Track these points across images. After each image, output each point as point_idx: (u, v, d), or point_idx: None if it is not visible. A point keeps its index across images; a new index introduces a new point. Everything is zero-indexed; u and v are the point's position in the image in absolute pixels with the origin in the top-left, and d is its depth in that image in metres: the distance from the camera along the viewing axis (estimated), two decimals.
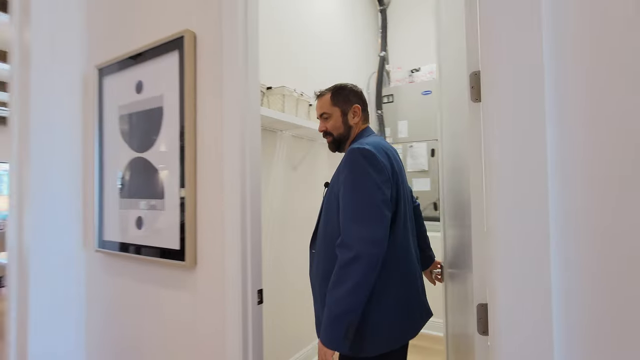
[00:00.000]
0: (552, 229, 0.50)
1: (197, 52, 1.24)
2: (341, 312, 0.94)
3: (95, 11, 1.65)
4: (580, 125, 0.50)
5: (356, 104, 1.24)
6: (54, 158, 1.59)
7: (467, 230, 0.78)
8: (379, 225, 0.96)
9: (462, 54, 0.75)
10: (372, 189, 0.98)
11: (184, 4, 1.28)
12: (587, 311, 0.48)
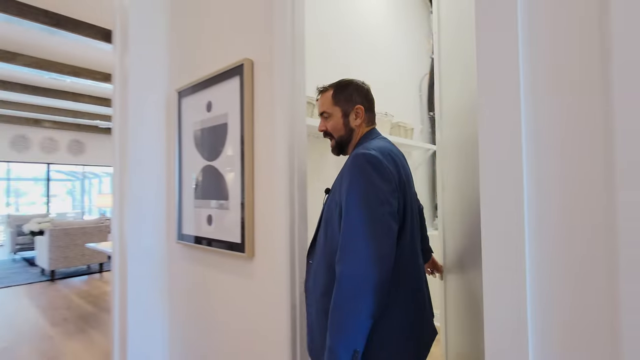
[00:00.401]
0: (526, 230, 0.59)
1: (254, 75, 1.46)
2: (344, 339, 0.84)
3: (175, 45, 1.99)
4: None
5: (359, 105, 1.11)
6: (146, 164, 1.95)
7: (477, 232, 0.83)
8: (386, 240, 0.86)
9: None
10: (378, 199, 0.88)
11: (243, 37, 1.52)
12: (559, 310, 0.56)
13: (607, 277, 0.51)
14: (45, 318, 3.41)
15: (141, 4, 1.96)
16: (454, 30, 1.35)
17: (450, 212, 1.35)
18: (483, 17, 0.62)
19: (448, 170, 1.36)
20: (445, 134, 1.36)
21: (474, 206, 1.14)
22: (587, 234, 0.53)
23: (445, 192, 1.37)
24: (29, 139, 8.64)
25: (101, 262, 5.40)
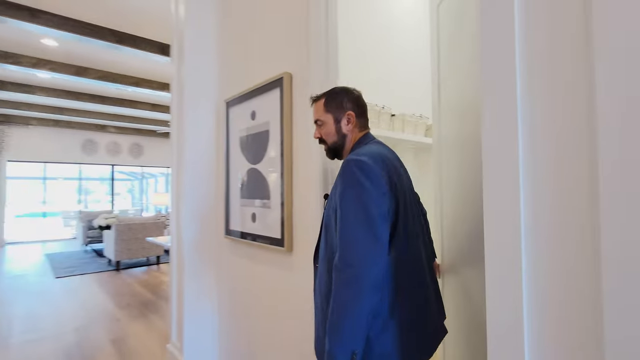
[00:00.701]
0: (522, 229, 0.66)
1: (292, 87, 1.61)
2: (343, 341, 0.86)
3: (224, 59, 2.20)
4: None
5: (350, 111, 1.13)
6: (198, 166, 2.18)
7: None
8: (377, 242, 0.89)
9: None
10: (368, 203, 0.91)
11: (283, 53, 1.67)
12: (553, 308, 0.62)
13: (592, 273, 0.57)
14: (112, 303, 3.85)
15: (195, 22, 2.19)
16: (453, 30, 1.39)
17: (450, 213, 1.38)
18: (486, 38, 0.70)
19: (447, 169, 1.39)
20: (444, 132, 1.40)
21: (474, 207, 1.16)
22: (574, 232, 0.60)
23: (443, 191, 1.41)
24: (96, 143, 9.62)
25: (158, 255, 5.92)
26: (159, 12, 3.79)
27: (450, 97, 1.37)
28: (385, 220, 0.92)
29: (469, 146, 1.22)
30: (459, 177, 1.31)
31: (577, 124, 0.60)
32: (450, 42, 1.36)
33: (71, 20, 3.86)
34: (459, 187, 1.30)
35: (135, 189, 12.11)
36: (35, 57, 4.93)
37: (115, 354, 2.61)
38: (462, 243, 1.29)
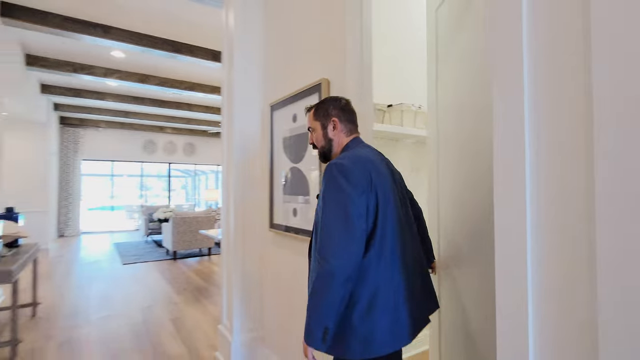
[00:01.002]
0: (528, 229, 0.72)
1: (330, 92, 1.74)
2: (317, 319, 0.99)
3: (268, 66, 2.39)
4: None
5: (335, 117, 1.21)
6: (245, 164, 2.39)
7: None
8: (352, 239, 0.97)
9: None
10: (346, 203, 0.99)
11: (322, 60, 1.81)
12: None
13: (588, 269, 0.64)
14: (171, 288, 4.27)
15: (242, 31, 2.40)
16: (450, 30, 1.41)
17: (448, 210, 1.40)
18: (495, 51, 0.78)
19: (444, 166, 1.41)
20: (442, 129, 1.42)
21: (472, 208, 1.19)
22: (572, 228, 0.66)
23: (440, 187, 1.43)
24: (155, 143, 10.49)
25: (209, 246, 6.37)
26: (210, 22, 4.11)
27: (448, 97, 1.41)
28: (362, 218, 1.00)
29: (467, 147, 1.26)
30: (455, 177, 1.35)
31: (577, 128, 0.66)
32: (448, 43, 1.40)
33: (136, 34, 4.31)
34: (456, 188, 1.34)
35: (189, 186, 13.00)
36: (106, 68, 5.54)
37: (174, 332, 2.93)
38: (459, 243, 1.33)
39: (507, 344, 0.75)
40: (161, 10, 3.84)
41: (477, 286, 1.19)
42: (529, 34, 0.73)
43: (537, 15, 0.72)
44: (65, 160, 8.89)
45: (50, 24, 3.86)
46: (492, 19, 0.79)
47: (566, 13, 0.68)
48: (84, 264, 5.68)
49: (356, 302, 1.01)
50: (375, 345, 0.99)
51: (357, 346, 0.99)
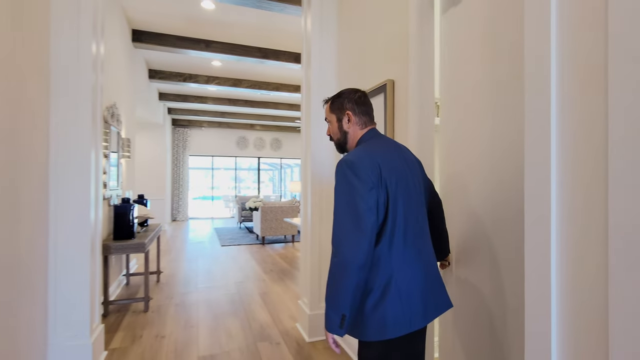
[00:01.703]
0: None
1: (394, 92, 1.88)
2: (334, 306, 1.04)
3: (340, 67, 2.61)
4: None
5: (348, 111, 1.24)
6: (320, 157, 2.67)
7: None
8: (361, 232, 1.02)
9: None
10: (355, 198, 1.04)
11: (388, 63, 1.96)
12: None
13: (601, 262, 0.73)
14: (260, 268, 4.84)
15: (319, 34, 2.66)
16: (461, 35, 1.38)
17: (459, 203, 1.38)
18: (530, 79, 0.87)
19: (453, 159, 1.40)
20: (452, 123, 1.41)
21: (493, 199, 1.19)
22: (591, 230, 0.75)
23: (448, 180, 1.40)
24: (246, 139, 11.61)
25: (293, 234, 6.93)
26: (293, 29, 4.49)
27: (460, 89, 1.41)
28: (371, 212, 1.04)
29: (478, 140, 1.27)
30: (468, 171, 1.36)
31: (597, 136, 0.75)
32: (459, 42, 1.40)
33: (231, 45, 4.92)
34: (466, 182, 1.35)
35: (276, 178, 14.05)
36: (207, 75, 6.40)
37: (262, 303, 3.40)
38: (469, 238, 1.35)
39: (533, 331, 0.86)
40: (251, 23, 4.34)
41: (489, 280, 1.24)
42: (557, 46, 0.82)
43: (563, 30, 0.81)
44: (176, 156, 10.45)
45: (166, 43, 4.67)
46: (527, 33, 0.89)
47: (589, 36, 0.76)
48: (191, 243, 6.73)
49: (370, 291, 1.06)
50: (388, 328, 1.04)
51: (371, 330, 1.05)
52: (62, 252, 2.08)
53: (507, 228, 1.24)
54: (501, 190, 1.26)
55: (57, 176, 2.07)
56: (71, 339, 2.09)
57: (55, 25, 2.06)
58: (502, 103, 1.25)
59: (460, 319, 1.47)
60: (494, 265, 1.29)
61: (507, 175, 1.24)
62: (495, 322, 1.29)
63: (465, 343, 1.44)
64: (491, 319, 1.31)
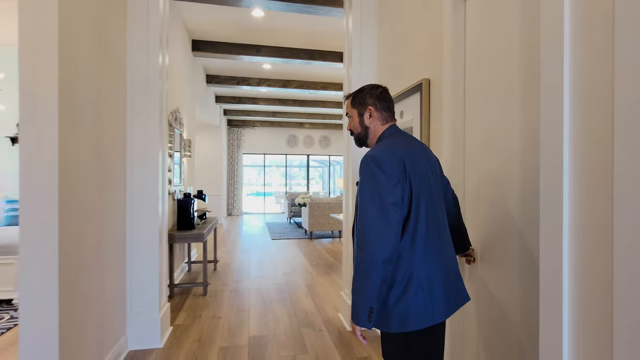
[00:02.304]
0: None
1: (430, 90, 1.93)
2: (362, 300, 1.06)
3: (379, 66, 2.68)
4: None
5: (370, 106, 1.25)
6: (361, 154, 2.76)
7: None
8: (388, 226, 1.04)
9: None
10: (381, 192, 1.05)
11: (424, 62, 2.00)
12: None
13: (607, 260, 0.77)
14: (307, 261, 5.06)
15: (359, 34, 2.76)
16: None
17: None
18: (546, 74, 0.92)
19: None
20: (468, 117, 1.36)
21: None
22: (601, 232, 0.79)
23: (480, 179, 1.35)
24: (296, 138, 11.98)
25: (340, 229, 7.08)
26: (338, 29, 4.61)
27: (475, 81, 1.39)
28: (397, 207, 1.06)
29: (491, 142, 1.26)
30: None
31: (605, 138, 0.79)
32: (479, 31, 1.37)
33: (280, 48, 5.18)
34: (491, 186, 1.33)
35: (325, 175, 14.29)
36: (258, 78, 6.76)
37: (307, 293, 3.59)
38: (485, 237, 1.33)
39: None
40: (298, 26, 4.54)
41: (506, 278, 1.25)
42: (570, 46, 0.86)
43: (576, 32, 0.85)
44: (231, 155, 11.12)
45: (221, 50, 5.05)
46: (544, 34, 0.94)
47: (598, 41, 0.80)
48: (245, 236, 7.18)
49: (393, 284, 1.09)
50: (411, 320, 1.07)
51: (395, 321, 1.08)
52: (136, 240, 2.43)
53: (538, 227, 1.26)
54: (534, 189, 1.27)
55: (132, 174, 2.41)
56: (144, 313, 2.44)
57: (130, 41, 2.40)
58: (531, 99, 1.27)
59: (483, 315, 1.50)
60: (525, 265, 1.31)
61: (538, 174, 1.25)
62: (520, 319, 1.31)
63: (487, 339, 1.47)
64: (516, 316, 1.33)
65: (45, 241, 1.53)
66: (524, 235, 1.32)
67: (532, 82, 1.26)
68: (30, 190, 1.51)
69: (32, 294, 1.52)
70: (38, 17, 1.51)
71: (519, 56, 1.32)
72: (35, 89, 1.51)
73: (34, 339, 1.52)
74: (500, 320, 1.43)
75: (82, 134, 1.76)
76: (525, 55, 1.29)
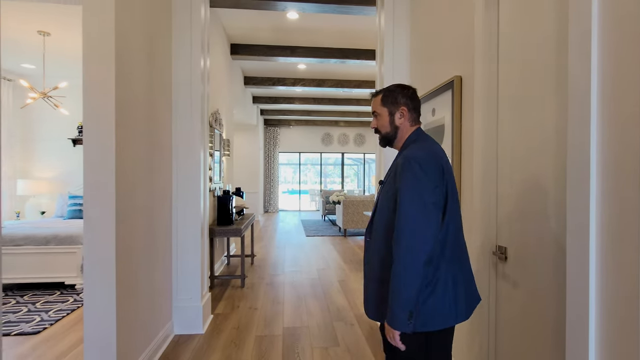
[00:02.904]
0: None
1: (462, 88, 1.92)
2: (401, 304, 1.05)
3: (412, 63, 2.68)
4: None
5: (403, 106, 1.25)
6: (392, 152, 2.78)
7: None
8: (429, 224, 1.06)
9: None
10: (422, 192, 1.08)
11: (455, 60, 2.00)
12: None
13: None
14: (340, 257, 5.13)
15: (391, 30, 2.77)
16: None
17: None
18: None
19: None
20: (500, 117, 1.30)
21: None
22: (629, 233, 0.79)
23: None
24: (331, 136, 12.06)
25: None
26: (372, 27, 4.62)
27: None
28: (437, 208, 1.10)
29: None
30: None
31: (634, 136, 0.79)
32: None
33: (314, 48, 5.27)
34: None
35: (359, 173, 14.26)
36: (293, 78, 6.91)
37: (340, 289, 3.67)
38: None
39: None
40: (332, 26, 4.61)
41: None
42: (599, 50, 0.87)
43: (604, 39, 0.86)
44: (267, 153, 11.43)
45: (258, 53, 5.23)
46: (573, 41, 0.94)
47: None
48: (281, 233, 7.38)
49: (425, 286, 1.11)
50: (436, 320, 1.11)
51: (420, 321, 1.10)
52: (182, 233, 2.63)
53: None
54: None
55: (177, 172, 2.61)
56: (187, 301, 2.63)
57: (175, 46, 2.60)
58: (565, 100, 1.25)
59: (512, 314, 1.48)
60: (560, 267, 1.29)
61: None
62: (554, 325, 1.29)
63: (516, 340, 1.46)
64: (550, 322, 1.32)
65: (104, 234, 1.72)
66: (559, 237, 1.30)
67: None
68: (93, 188, 1.71)
69: (93, 279, 1.72)
70: (98, 32, 1.70)
71: (555, 53, 1.30)
72: (96, 98, 1.71)
73: (95, 318, 1.72)
74: (532, 317, 1.41)
75: (134, 136, 1.95)
76: (562, 53, 1.26)
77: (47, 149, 5.27)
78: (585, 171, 0.88)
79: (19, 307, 3.11)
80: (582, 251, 0.89)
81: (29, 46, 4.10)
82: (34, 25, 3.57)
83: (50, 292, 3.51)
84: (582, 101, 0.90)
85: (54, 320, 2.83)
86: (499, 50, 1.65)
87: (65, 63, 4.62)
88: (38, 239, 3.55)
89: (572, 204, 0.93)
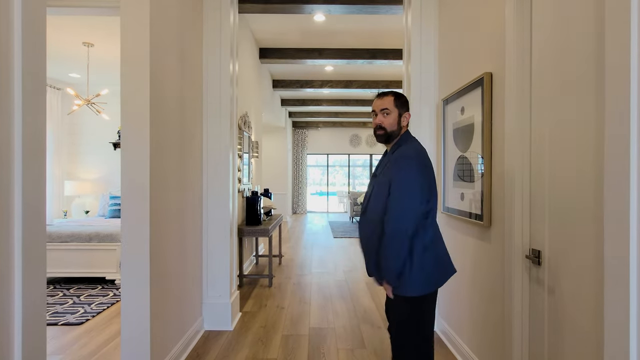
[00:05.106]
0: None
1: (492, 85, 1.86)
2: (392, 265, 1.38)
3: (440, 61, 2.62)
4: None
5: (408, 112, 1.54)
6: None
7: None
8: (418, 207, 1.38)
9: None
10: (414, 182, 1.39)
11: (485, 56, 1.93)
12: None
13: None
14: None
15: (418, 28, 2.72)
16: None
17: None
18: None
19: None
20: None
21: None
22: None
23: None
24: (359, 137, 11.99)
25: None
26: (400, 26, 4.56)
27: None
28: (424, 193, 1.41)
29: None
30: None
31: None
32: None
33: (341, 50, 5.28)
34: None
35: None
36: (321, 80, 6.95)
37: (367, 291, 3.64)
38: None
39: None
40: (359, 27, 4.59)
41: None
42: None
43: None
44: (296, 155, 11.55)
45: (286, 56, 5.31)
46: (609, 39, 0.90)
47: None
48: (308, 234, 7.43)
49: (412, 254, 1.40)
50: (429, 284, 1.42)
51: (414, 286, 1.40)
52: (211, 232, 2.72)
53: None
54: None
55: (207, 174, 2.71)
56: (217, 298, 2.71)
57: (205, 51, 2.69)
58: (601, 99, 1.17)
59: (545, 318, 1.41)
60: (598, 273, 1.22)
61: None
62: (590, 324, 1.22)
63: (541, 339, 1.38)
64: (584, 322, 1.24)
65: (139, 232, 1.82)
66: (599, 242, 1.22)
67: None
68: (129, 190, 1.81)
69: (130, 276, 1.82)
70: (134, 42, 1.80)
71: (595, 43, 1.23)
72: (133, 105, 1.81)
73: (132, 312, 1.82)
74: (569, 326, 1.34)
75: (168, 139, 2.05)
76: (601, 49, 1.19)
77: (90, 152, 5.62)
78: (625, 165, 0.83)
79: (65, 300, 3.34)
80: (620, 255, 0.84)
81: (75, 57, 4.42)
82: (80, 38, 3.84)
83: (93, 287, 3.74)
84: (620, 92, 0.84)
85: (96, 312, 3.02)
86: (532, 41, 1.58)
87: (107, 71, 4.92)
88: (82, 236, 3.80)
89: (610, 205, 0.87)
